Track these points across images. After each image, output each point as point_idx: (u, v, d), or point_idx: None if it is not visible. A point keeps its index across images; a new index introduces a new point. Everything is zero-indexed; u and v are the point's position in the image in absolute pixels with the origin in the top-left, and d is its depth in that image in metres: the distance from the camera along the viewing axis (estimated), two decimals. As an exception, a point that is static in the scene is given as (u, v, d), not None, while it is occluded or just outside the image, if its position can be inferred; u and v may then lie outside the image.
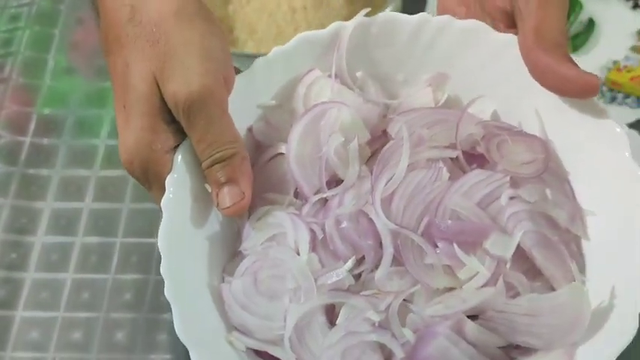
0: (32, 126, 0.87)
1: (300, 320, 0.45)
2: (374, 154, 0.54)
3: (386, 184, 0.48)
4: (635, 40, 0.90)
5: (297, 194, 0.52)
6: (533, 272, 0.48)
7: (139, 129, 0.44)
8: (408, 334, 0.44)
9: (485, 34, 0.56)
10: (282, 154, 0.52)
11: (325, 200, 0.51)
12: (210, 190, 0.47)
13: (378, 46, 0.59)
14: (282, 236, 0.49)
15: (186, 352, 0.70)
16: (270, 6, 0.83)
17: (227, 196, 0.46)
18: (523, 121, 0.56)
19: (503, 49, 0.55)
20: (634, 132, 0.76)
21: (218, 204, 0.47)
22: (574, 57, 0.49)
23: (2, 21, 0.97)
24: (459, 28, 0.56)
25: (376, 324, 0.45)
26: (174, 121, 0.46)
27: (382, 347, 0.45)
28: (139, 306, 0.74)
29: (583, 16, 0.92)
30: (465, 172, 0.51)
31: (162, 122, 0.45)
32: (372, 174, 0.50)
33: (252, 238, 0.49)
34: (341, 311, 0.46)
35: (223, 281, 0.50)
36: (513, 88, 0.55)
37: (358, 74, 0.58)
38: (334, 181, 0.52)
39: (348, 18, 0.83)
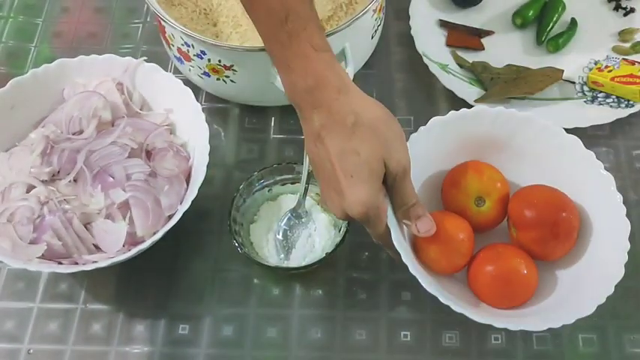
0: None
1: None
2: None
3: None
4: (616, 41, 0.91)
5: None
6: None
7: (374, 188, 0.67)
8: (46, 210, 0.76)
9: None
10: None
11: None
12: (409, 223, 0.71)
13: None
14: None
15: (163, 344, 0.70)
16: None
17: (423, 224, 0.71)
18: None
19: None
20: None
21: (418, 230, 0.71)
22: (556, 57, 0.48)
23: (-14, 11, 0.97)
24: None
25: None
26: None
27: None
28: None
29: (566, 17, 0.93)
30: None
31: (381, 184, 0.68)
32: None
33: None
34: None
35: None
36: None
37: None
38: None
39: (331, 13, 0.84)
